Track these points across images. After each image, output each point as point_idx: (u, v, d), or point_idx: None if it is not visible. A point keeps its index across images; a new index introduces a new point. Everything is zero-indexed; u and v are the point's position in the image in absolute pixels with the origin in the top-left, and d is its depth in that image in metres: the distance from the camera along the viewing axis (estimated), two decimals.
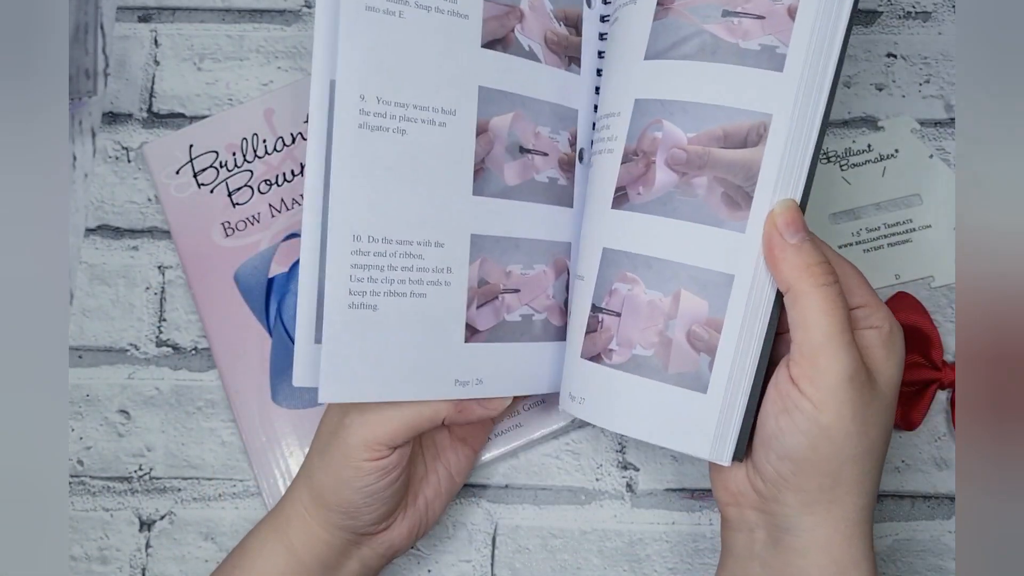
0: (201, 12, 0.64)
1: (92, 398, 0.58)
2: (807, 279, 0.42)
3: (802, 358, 0.41)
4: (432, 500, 0.51)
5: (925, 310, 0.56)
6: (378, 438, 0.45)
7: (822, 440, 0.41)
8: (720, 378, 0.43)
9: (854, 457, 0.41)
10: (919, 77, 0.61)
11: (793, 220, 0.42)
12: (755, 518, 0.44)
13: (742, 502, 0.45)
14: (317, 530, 0.48)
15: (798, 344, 0.42)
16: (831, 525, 0.42)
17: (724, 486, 0.46)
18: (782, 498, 0.42)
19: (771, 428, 0.42)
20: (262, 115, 0.60)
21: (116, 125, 0.62)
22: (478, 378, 0.48)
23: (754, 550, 0.44)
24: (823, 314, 0.41)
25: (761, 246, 0.43)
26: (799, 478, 0.42)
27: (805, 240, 0.42)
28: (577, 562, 0.55)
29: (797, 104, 0.43)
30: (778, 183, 0.43)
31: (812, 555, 0.42)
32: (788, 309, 0.42)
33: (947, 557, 0.55)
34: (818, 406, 0.41)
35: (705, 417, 0.43)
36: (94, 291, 0.60)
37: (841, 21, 0.44)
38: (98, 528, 0.57)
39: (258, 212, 0.59)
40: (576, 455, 0.57)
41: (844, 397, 0.41)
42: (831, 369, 0.41)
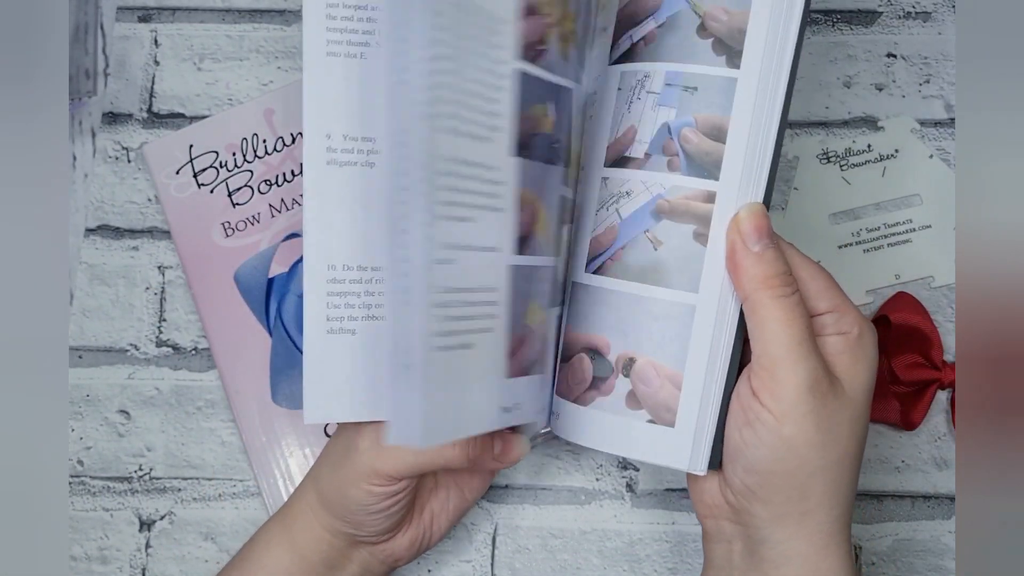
0: (201, 12, 0.64)
1: (92, 398, 0.58)
2: (765, 290, 0.41)
3: (761, 370, 0.41)
4: (438, 514, 0.51)
5: (925, 310, 0.56)
6: (387, 470, 0.45)
7: (785, 452, 0.40)
8: (688, 413, 0.43)
9: (823, 468, 0.41)
10: (919, 77, 0.61)
11: (757, 226, 0.41)
12: (731, 530, 0.44)
13: (718, 514, 0.44)
14: (320, 531, 0.48)
15: (757, 356, 0.41)
16: (804, 537, 0.41)
17: (700, 499, 0.45)
18: (752, 510, 0.42)
19: (736, 441, 0.42)
20: (262, 115, 0.60)
21: (116, 125, 0.62)
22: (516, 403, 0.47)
23: (733, 561, 0.44)
24: (781, 325, 0.40)
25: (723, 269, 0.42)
26: (766, 491, 0.41)
27: (768, 247, 0.41)
28: (577, 562, 0.55)
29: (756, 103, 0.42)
30: (740, 187, 0.42)
31: (787, 567, 0.42)
32: (747, 319, 0.42)
33: (947, 557, 0.55)
34: (779, 418, 0.40)
35: (678, 442, 0.43)
36: (94, 291, 0.60)
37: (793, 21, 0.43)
38: (98, 528, 0.57)
39: (258, 212, 0.59)
40: (576, 455, 0.57)
41: (805, 408, 0.40)
42: (790, 380, 0.40)
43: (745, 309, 0.42)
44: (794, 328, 0.40)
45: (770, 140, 0.43)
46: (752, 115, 0.42)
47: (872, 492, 0.56)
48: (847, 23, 0.62)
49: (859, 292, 0.58)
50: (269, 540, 0.49)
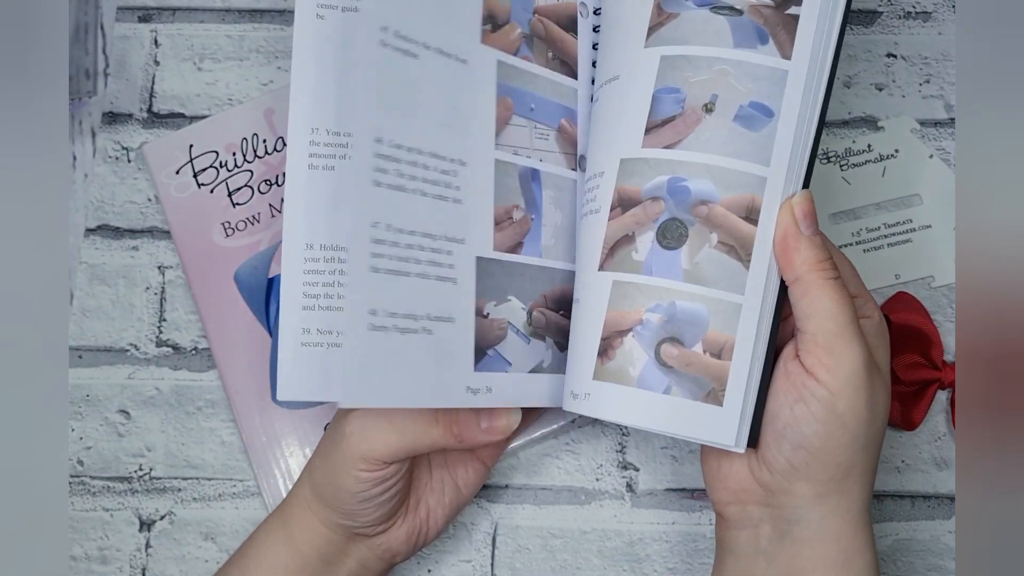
0: (201, 12, 0.64)
1: (92, 398, 0.58)
2: (818, 272, 0.42)
3: (816, 347, 0.42)
4: (434, 508, 0.51)
5: (925, 310, 0.56)
6: (374, 454, 0.45)
7: (838, 427, 0.41)
8: (736, 393, 0.43)
9: (865, 445, 0.42)
10: (919, 77, 0.61)
11: (809, 212, 0.43)
12: (759, 514, 0.44)
13: (745, 499, 0.45)
14: (317, 525, 0.48)
15: (811, 334, 0.42)
16: (840, 515, 0.43)
17: (723, 485, 0.46)
18: (793, 489, 0.43)
19: (786, 418, 0.42)
20: (262, 115, 0.60)
21: (116, 125, 0.62)
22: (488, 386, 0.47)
23: (759, 546, 0.44)
24: (836, 304, 0.42)
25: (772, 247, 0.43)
26: (813, 468, 0.42)
27: (816, 234, 0.43)
28: (577, 562, 0.55)
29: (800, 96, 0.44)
30: (787, 173, 0.44)
31: (821, 545, 0.43)
32: (796, 300, 0.43)
33: (947, 557, 0.55)
34: (835, 393, 0.41)
35: (724, 422, 0.43)
36: (94, 291, 0.60)
37: (837, 15, 0.45)
38: (98, 528, 0.57)
39: (258, 212, 0.59)
40: (576, 455, 0.57)
41: (859, 383, 0.41)
42: (847, 357, 0.41)
43: (795, 290, 0.43)
44: (846, 308, 0.42)
45: (812, 129, 0.44)
46: (800, 104, 0.44)
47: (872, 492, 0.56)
48: (847, 23, 0.62)
49: None
50: (267, 536, 0.49)
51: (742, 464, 0.45)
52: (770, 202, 0.44)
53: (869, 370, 0.42)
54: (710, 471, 0.46)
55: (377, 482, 0.46)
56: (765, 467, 0.44)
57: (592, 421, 0.57)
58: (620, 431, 0.57)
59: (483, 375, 0.46)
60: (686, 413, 0.43)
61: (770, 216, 0.44)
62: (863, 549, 0.43)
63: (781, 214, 0.43)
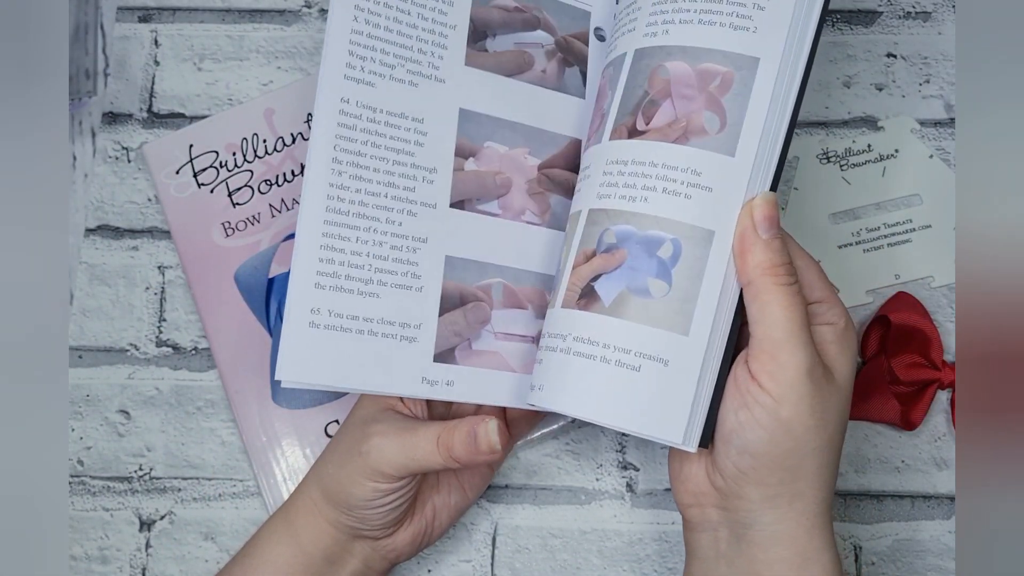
0: (201, 12, 0.64)
1: (92, 398, 0.58)
2: (770, 277, 0.42)
3: (761, 353, 0.42)
4: (440, 510, 0.51)
5: (925, 310, 0.56)
6: (393, 472, 0.46)
7: (782, 434, 0.41)
8: (686, 390, 0.43)
9: (814, 450, 0.42)
10: (919, 77, 0.61)
11: (770, 215, 0.43)
12: (717, 516, 0.45)
13: (703, 502, 0.45)
14: (323, 524, 0.48)
15: (758, 339, 0.42)
16: (793, 518, 0.43)
17: (684, 487, 0.46)
18: (744, 493, 0.43)
19: (731, 423, 0.42)
20: (262, 115, 0.60)
21: (116, 125, 0.62)
22: (448, 380, 0.48)
23: (719, 549, 0.45)
24: (783, 311, 0.42)
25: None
26: (759, 473, 0.42)
27: (775, 238, 0.43)
28: (577, 562, 0.55)
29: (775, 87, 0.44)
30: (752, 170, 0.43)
31: (776, 548, 0.43)
32: (748, 304, 0.43)
33: (947, 557, 0.55)
34: (778, 400, 0.41)
35: (674, 420, 0.43)
36: (94, 291, 0.60)
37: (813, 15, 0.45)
38: (98, 528, 0.57)
39: (258, 212, 0.59)
40: (576, 455, 0.57)
41: (803, 391, 0.41)
42: (790, 364, 0.41)
43: (747, 294, 0.43)
44: (795, 315, 0.42)
45: (782, 128, 0.44)
46: (771, 99, 0.44)
47: (872, 492, 0.56)
48: (847, 23, 0.62)
49: (859, 292, 0.58)
50: (271, 535, 0.49)
51: (699, 467, 0.45)
52: (733, 199, 0.43)
53: (814, 377, 0.42)
54: (673, 472, 0.47)
55: (390, 492, 0.47)
56: (717, 471, 0.44)
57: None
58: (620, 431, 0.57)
59: (444, 367, 0.48)
60: (640, 408, 0.43)
61: (733, 214, 0.43)
62: (820, 550, 0.43)
63: (741, 216, 0.43)
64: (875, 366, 0.56)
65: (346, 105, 0.48)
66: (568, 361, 0.45)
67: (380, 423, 0.47)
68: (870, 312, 0.57)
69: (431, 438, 0.46)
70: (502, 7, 0.52)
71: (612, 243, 0.45)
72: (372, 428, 0.47)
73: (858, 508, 0.56)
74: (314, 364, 0.46)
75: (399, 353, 0.47)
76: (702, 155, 0.44)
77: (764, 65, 0.44)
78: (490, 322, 0.49)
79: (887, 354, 0.55)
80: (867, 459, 0.56)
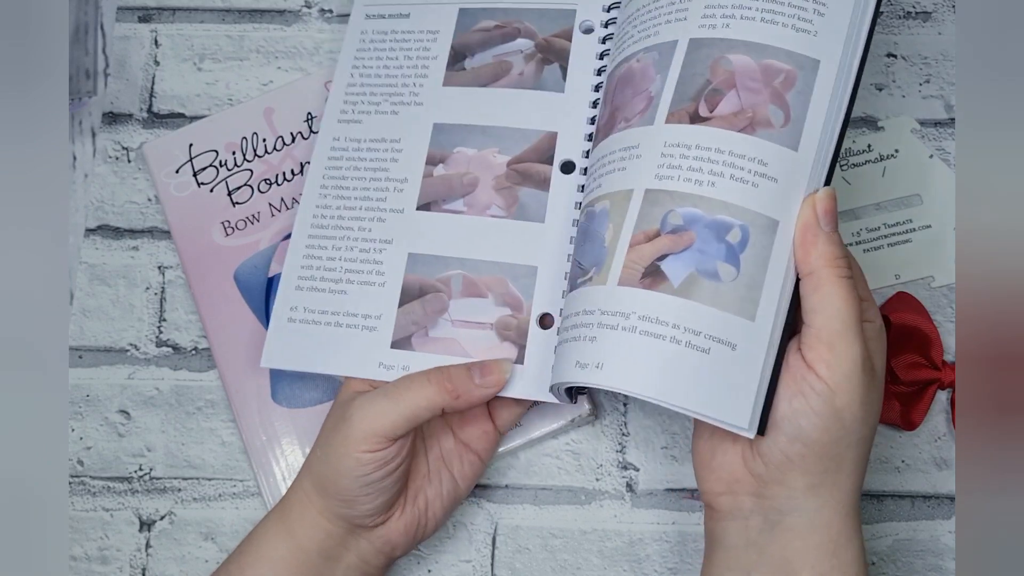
0: (201, 12, 0.64)
1: (92, 398, 0.58)
2: (833, 269, 0.43)
3: (819, 343, 0.43)
4: (432, 500, 0.51)
5: (925, 310, 0.56)
6: (377, 430, 0.46)
7: (834, 422, 0.42)
8: (751, 378, 0.43)
9: (858, 440, 0.43)
10: (919, 77, 0.61)
11: (831, 209, 0.44)
12: (751, 504, 0.45)
13: (737, 489, 0.45)
14: (317, 518, 0.48)
15: (816, 329, 0.43)
16: (832, 507, 0.43)
17: (715, 476, 0.46)
18: (787, 480, 0.43)
19: (784, 410, 0.43)
20: (262, 114, 0.60)
21: (116, 125, 0.62)
22: (404, 365, 0.51)
23: (749, 537, 0.45)
24: (844, 302, 0.43)
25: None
26: (807, 460, 0.43)
27: (835, 231, 0.44)
28: (577, 562, 0.55)
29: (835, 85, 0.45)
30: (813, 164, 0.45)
31: (812, 535, 0.43)
32: (807, 294, 0.43)
33: (947, 557, 0.55)
34: (834, 389, 0.42)
35: (740, 406, 0.43)
36: (94, 291, 0.60)
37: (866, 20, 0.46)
38: (98, 528, 0.57)
39: (258, 211, 0.59)
40: (576, 455, 0.57)
41: (856, 382, 0.42)
42: (847, 355, 0.42)
43: (807, 284, 0.43)
44: (853, 307, 0.43)
45: (838, 126, 0.45)
46: (829, 99, 0.45)
47: (872, 492, 0.56)
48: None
49: None
50: (267, 532, 0.49)
51: (735, 455, 0.45)
52: (796, 192, 0.45)
53: (867, 370, 0.43)
54: (702, 462, 0.47)
55: (379, 464, 0.47)
56: (760, 458, 0.44)
57: (591, 421, 0.57)
58: (620, 431, 0.57)
59: (400, 353, 0.52)
60: (709, 390, 0.43)
61: (794, 206, 0.44)
62: (852, 538, 0.44)
63: (803, 208, 0.44)
64: None
65: (336, 142, 0.56)
66: (634, 340, 0.44)
67: (359, 395, 0.49)
68: None
69: (419, 378, 0.48)
70: (483, 29, 0.54)
71: (679, 224, 0.45)
72: (352, 400, 0.48)
73: None
74: (290, 352, 0.53)
75: (360, 341, 0.52)
76: (768, 146, 0.45)
77: (824, 67, 0.45)
78: (448, 311, 0.52)
79: (887, 354, 0.55)
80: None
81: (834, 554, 0.43)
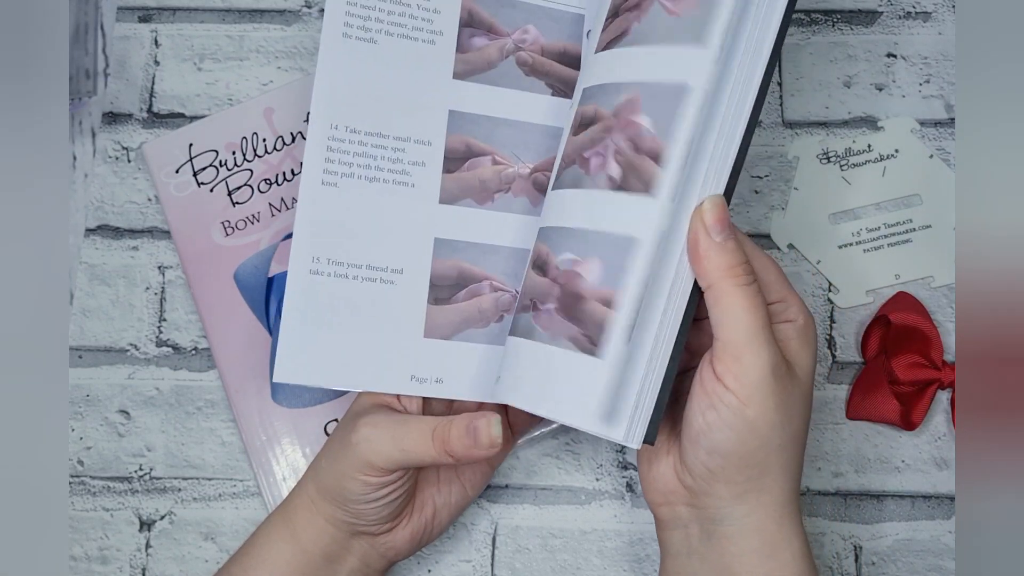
0: (201, 12, 0.64)
1: (92, 398, 0.58)
2: (729, 279, 0.42)
3: (725, 355, 0.42)
4: (440, 508, 0.51)
5: (925, 310, 0.56)
6: (378, 464, 0.46)
7: (748, 433, 0.42)
8: (629, 391, 0.43)
9: (780, 446, 0.43)
10: (919, 77, 0.61)
11: (720, 218, 0.43)
12: (687, 514, 0.45)
13: (673, 500, 0.46)
14: (320, 521, 0.48)
15: (722, 342, 0.42)
16: (762, 511, 0.43)
17: (654, 487, 0.46)
18: (713, 491, 0.44)
19: (699, 424, 0.43)
20: (262, 114, 0.60)
21: (116, 125, 0.62)
22: (437, 377, 0.49)
23: (691, 545, 0.45)
24: (745, 312, 0.42)
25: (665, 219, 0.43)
26: (728, 471, 0.43)
27: (729, 238, 0.43)
28: (577, 562, 0.55)
29: (720, 84, 0.43)
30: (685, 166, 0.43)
31: (745, 540, 0.44)
32: (710, 307, 0.43)
33: (947, 557, 0.55)
34: (743, 400, 0.42)
35: (618, 423, 0.43)
36: (94, 291, 0.60)
37: (776, 12, 0.44)
38: (98, 528, 0.57)
39: (258, 211, 0.59)
40: (576, 455, 0.57)
41: (767, 390, 0.42)
42: (754, 365, 0.42)
43: (708, 297, 0.43)
44: (757, 315, 0.42)
45: (737, 132, 0.44)
46: (728, 96, 0.44)
47: (872, 492, 0.56)
48: (847, 23, 0.62)
49: (859, 292, 0.58)
50: (270, 534, 0.49)
51: (668, 466, 0.46)
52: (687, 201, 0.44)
53: (778, 375, 0.42)
54: (643, 472, 0.47)
55: (383, 486, 0.47)
56: (686, 471, 0.44)
57: None
58: None
59: (432, 365, 0.49)
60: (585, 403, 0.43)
61: (686, 215, 0.43)
62: (790, 539, 0.44)
63: (692, 220, 0.43)
64: (875, 366, 0.56)
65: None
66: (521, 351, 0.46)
67: (372, 415, 0.47)
68: (870, 312, 0.57)
69: (424, 431, 0.46)
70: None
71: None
72: (363, 420, 0.47)
73: (858, 508, 0.56)
74: (306, 363, 0.49)
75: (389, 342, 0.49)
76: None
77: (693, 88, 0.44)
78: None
79: (887, 354, 0.55)
80: (867, 459, 0.56)
81: (771, 556, 0.43)
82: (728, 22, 0.44)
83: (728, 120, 0.44)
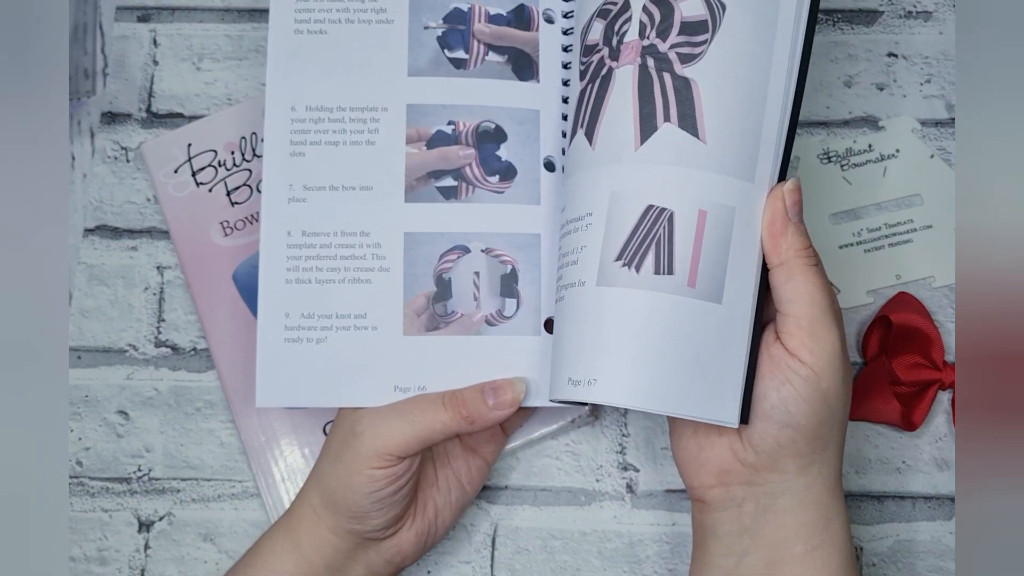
0: (200, 12, 0.64)
1: (91, 399, 0.58)
2: (804, 258, 0.44)
3: (799, 330, 0.44)
4: (442, 508, 0.51)
5: (926, 310, 0.56)
6: (389, 448, 0.46)
7: (822, 404, 0.44)
8: (735, 373, 0.44)
9: (840, 419, 0.45)
10: (920, 77, 0.61)
11: (798, 201, 0.45)
12: (743, 493, 0.45)
13: (728, 480, 0.46)
14: (325, 532, 0.48)
15: (795, 317, 0.44)
16: (820, 483, 0.45)
17: (706, 470, 0.46)
18: (780, 466, 0.44)
19: (773, 399, 0.44)
20: (261, 114, 0.60)
21: (115, 125, 0.62)
22: (420, 385, 0.49)
23: (743, 523, 0.46)
24: (819, 290, 0.44)
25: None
26: (798, 444, 0.44)
27: (802, 222, 0.45)
28: (577, 563, 0.55)
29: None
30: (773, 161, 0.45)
31: (803, 512, 0.45)
32: (780, 284, 0.44)
33: (948, 558, 0.55)
34: (819, 373, 0.43)
35: (724, 401, 0.44)
36: (93, 291, 0.60)
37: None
38: (97, 529, 0.57)
39: (257, 211, 0.59)
40: (576, 456, 0.57)
41: (837, 364, 0.44)
42: (828, 339, 0.44)
43: (779, 274, 0.44)
44: (827, 292, 0.44)
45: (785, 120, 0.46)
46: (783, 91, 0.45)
47: (873, 493, 0.56)
48: (848, 22, 0.62)
49: (860, 292, 0.58)
50: (273, 545, 0.49)
51: (723, 447, 0.46)
52: (759, 188, 0.45)
53: (845, 351, 0.44)
54: (688, 458, 0.47)
55: (390, 480, 0.47)
56: (751, 448, 0.45)
57: (590, 421, 0.57)
58: (620, 432, 0.57)
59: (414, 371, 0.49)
60: (686, 393, 0.44)
61: (759, 201, 0.45)
62: (839, 511, 0.46)
63: (771, 200, 0.45)
64: (876, 367, 0.56)
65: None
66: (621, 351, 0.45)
67: (368, 410, 0.48)
68: (871, 312, 0.57)
69: (433, 400, 0.47)
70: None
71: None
72: (362, 413, 0.48)
73: (859, 509, 0.56)
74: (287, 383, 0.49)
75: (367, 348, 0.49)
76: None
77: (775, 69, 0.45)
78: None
79: (888, 355, 0.55)
80: (868, 460, 0.56)
81: (825, 528, 0.45)
82: None
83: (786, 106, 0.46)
